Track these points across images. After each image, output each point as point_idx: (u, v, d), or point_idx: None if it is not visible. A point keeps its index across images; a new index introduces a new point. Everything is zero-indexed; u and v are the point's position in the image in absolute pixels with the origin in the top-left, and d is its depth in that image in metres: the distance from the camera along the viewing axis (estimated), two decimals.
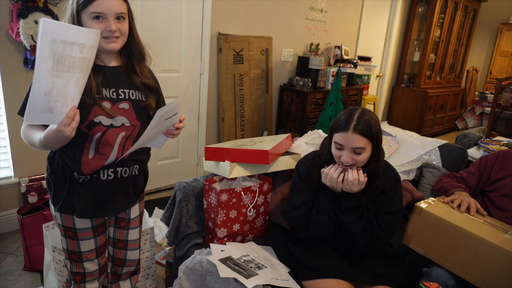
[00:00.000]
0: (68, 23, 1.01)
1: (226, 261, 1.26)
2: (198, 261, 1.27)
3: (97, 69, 1.04)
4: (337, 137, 1.21)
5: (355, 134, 1.17)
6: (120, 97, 1.08)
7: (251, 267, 1.26)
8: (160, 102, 1.21)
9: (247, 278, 1.17)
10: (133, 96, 1.11)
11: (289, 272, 1.32)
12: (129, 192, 1.19)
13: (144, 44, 1.15)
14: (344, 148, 1.20)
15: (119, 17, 1.03)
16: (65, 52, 0.85)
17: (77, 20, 1.00)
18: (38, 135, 0.98)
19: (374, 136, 1.19)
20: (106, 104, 1.05)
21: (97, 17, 0.99)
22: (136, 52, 1.12)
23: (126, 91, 1.09)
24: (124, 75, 1.11)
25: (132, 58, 1.12)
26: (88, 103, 1.01)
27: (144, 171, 1.27)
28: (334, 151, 1.25)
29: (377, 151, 1.24)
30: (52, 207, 1.16)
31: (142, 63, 1.14)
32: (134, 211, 1.28)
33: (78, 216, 1.12)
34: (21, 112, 1.02)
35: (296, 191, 1.40)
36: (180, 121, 1.10)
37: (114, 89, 1.07)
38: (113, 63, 1.11)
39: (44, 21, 0.79)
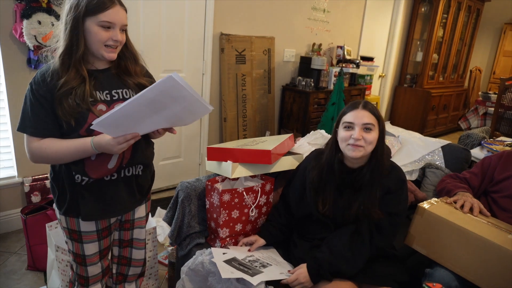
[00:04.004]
0: (67, 25, 1.01)
1: (231, 261, 1.26)
2: (200, 262, 1.27)
3: (89, 74, 1.05)
4: (347, 117, 1.26)
5: (364, 111, 1.23)
6: (114, 98, 1.09)
7: (256, 266, 1.26)
8: None
9: (252, 276, 1.18)
10: (126, 95, 1.12)
11: None
12: (134, 192, 1.20)
13: (139, 50, 1.19)
14: (355, 126, 1.23)
15: (122, 28, 1.07)
16: (164, 101, 0.93)
17: (82, 24, 1.00)
18: (80, 141, 1.01)
19: (381, 119, 1.26)
20: (102, 107, 1.06)
21: (105, 26, 1.02)
22: (130, 57, 1.14)
23: (119, 91, 1.11)
24: (115, 76, 1.12)
25: (125, 61, 1.13)
26: (83, 109, 1.02)
27: (150, 171, 1.27)
28: (343, 133, 1.25)
29: (382, 137, 1.26)
30: (57, 211, 1.16)
31: (136, 63, 1.16)
32: (140, 211, 1.28)
33: (84, 219, 1.12)
34: (22, 129, 1.03)
35: (287, 185, 1.49)
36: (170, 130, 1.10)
37: (107, 91, 1.09)
38: (104, 65, 1.12)
39: (171, 78, 0.87)
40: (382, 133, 1.26)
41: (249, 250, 1.38)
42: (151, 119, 1.00)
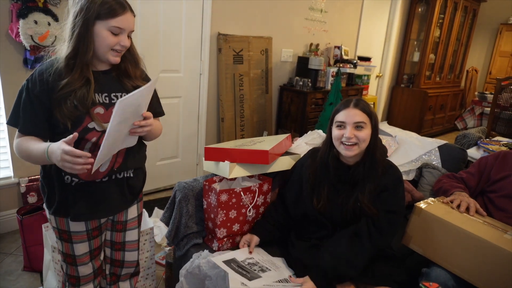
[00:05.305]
0: (76, 26, 0.99)
1: (230, 262, 1.26)
2: (197, 265, 1.26)
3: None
4: (339, 116, 1.27)
5: (356, 109, 1.25)
6: (112, 101, 1.08)
7: (255, 270, 1.26)
8: (153, 104, 1.20)
9: (250, 280, 1.17)
10: None
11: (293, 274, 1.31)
12: (125, 193, 1.19)
13: (140, 54, 1.18)
14: (347, 125, 1.24)
15: (129, 33, 1.07)
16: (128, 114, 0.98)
17: (91, 26, 0.99)
18: (41, 147, 0.97)
19: (373, 115, 1.27)
20: (100, 110, 1.05)
21: (116, 31, 1.02)
22: (131, 60, 1.14)
23: (118, 94, 1.10)
24: (115, 78, 1.11)
25: (126, 63, 1.12)
26: (81, 112, 1.01)
27: (142, 172, 1.26)
28: (336, 132, 1.27)
29: (375, 133, 1.28)
30: (46, 210, 1.15)
31: (136, 67, 1.16)
32: (132, 212, 1.27)
33: (73, 220, 1.11)
34: (13, 123, 1.02)
35: (285, 186, 1.50)
36: (145, 118, 1.03)
37: (106, 94, 1.08)
38: (105, 67, 1.11)
39: (120, 102, 0.90)
40: (375, 129, 1.28)
41: (250, 252, 1.37)
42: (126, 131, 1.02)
